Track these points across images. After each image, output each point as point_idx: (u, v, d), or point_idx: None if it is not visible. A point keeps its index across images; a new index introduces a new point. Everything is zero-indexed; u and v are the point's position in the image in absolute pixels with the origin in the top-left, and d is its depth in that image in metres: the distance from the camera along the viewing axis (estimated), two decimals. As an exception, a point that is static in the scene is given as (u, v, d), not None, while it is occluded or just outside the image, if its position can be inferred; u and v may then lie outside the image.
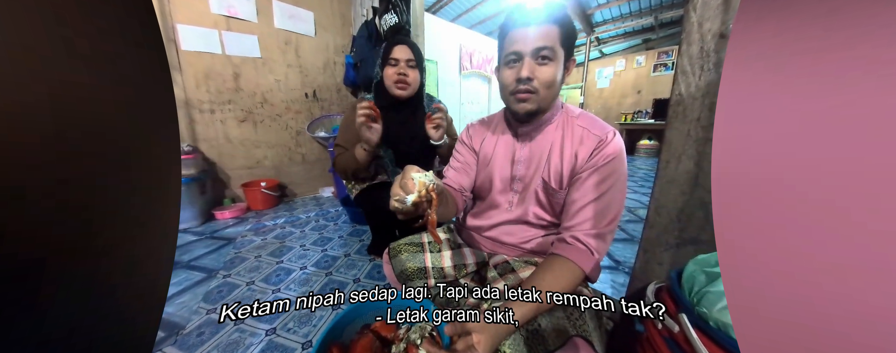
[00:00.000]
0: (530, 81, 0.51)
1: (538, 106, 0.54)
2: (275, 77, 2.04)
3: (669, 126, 0.57)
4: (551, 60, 0.50)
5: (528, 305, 0.44)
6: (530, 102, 0.53)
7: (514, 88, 0.53)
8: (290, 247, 1.43)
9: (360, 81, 1.88)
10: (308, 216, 1.87)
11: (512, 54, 0.51)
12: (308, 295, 0.37)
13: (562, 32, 0.50)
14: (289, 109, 2.15)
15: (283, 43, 2.02)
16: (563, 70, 0.52)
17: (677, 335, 0.40)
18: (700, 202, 0.55)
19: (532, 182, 0.60)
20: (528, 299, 0.43)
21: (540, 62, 0.50)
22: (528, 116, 0.57)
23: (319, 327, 0.88)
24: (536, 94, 0.52)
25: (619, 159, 0.53)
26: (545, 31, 0.49)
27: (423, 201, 0.37)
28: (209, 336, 0.84)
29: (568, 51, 0.52)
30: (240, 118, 1.95)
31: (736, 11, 0.48)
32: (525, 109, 0.54)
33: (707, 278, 0.42)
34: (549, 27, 0.49)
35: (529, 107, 0.53)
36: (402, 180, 0.41)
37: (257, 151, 2.07)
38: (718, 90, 0.20)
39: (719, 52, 0.50)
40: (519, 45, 0.50)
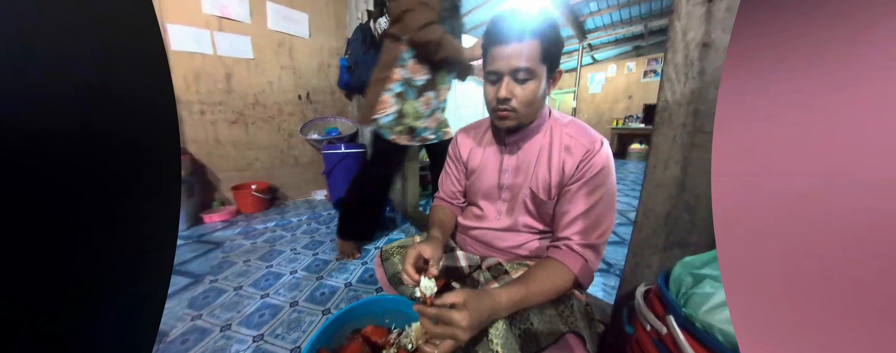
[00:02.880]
0: (508, 101, 0.51)
1: (519, 123, 0.55)
2: (268, 78, 2.02)
3: (656, 132, 0.58)
4: (531, 78, 0.49)
5: (516, 289, 0.45)
6: (510, 119, 0.54)
7: (494, 105, 0.53)
8: (281, 251, 1.40)
9: (354, 83, 1.88)
10: (300, 220, 1.84)
11: (491, 74, 0.52)
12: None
13: (543, 48, 0.48)
14: (281, 110, 2.13)
15: (276, 44, 2.00)
16: (546, 84, 0.52)
17: (665, 336, 0.41)
18: (686, 206, 0.56)
19: (520, 192, 0.60)
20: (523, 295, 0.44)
21: (520, 82, 0.50)
22: (512, 130, 0.58)
23: (308, 332, 0.86)
24: (516, 112, 0.52)
25: (608, 170, 0.54)
26: (525, 49, 0.47)
27: (424, 298, 0.48)
28: (194, 343, 0.82)
29: (552, 64, 0.51)
30: (231, 120, 1.92)
31: (717, 22, 0.50)
32: (505, 125, 0.55)
33: (693, 280, 0.43)
34: (530, 44, 0.47)
35: (509, 124, 0.55)
36: (406, 267, 0.50)
37: (248, 153, 2.04)
38: (719, 91, 0.20)
39: (703, 61, 0.51)
40: (498, 64, 0.50)
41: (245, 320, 0.92)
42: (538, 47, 0.48)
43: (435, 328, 0.41)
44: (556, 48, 0.50)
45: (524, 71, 0.48)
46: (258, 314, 0.94)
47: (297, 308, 0.97)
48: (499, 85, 0.51)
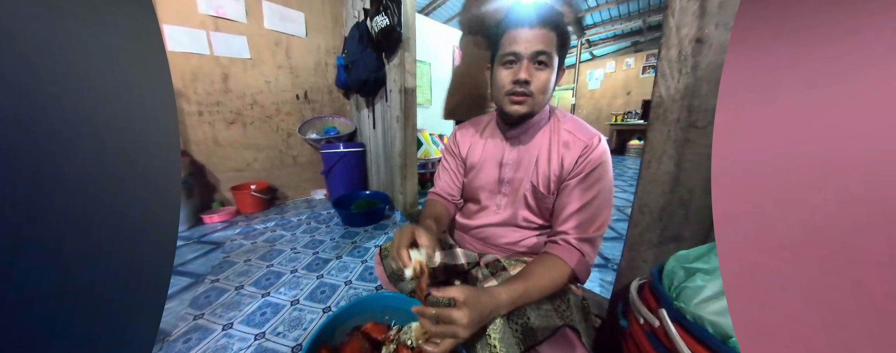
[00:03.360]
0: (527, 84, 0.51)
1: (531, 109, 0.54)
2: (265, 78, 2.01)
3: (651, 128, 0.58)
4: (548, 65, 0.50)
5: (515, 285, 0.45)
6: (525, 105, 0.53)
7: (510, 89, 0.52)
8: (281, 250, 1.41)
9: (351, 82, 1.88)
10: (299, 219, 1.85)
11: (510, 54, 0.50)
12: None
13: (559, 39, 0.50)
14: (279, 110, 2.12)
15: (273, 44, 2.00)
16: (556, 76, 0.53)
17: (657, 329, 0.42)
18: (681, 201, 0.57)
19: (521, 186, 0.60)
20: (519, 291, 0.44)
21: (537, 67, 0.50)
22: (520, 119, 0.57)
23: (309, 330, 0.87)
24: (531, 97, 0.52)
25: (605, 166, 0.54)
26: (544, 35, 0.49)
27: (416, 274, 0.46)
28: (196, 343, 0.82)
29: (561, 58, 0.52)
30: (229, 120, 1.92)
31: (711, 17, 0.50)
32: (519, 111, 0.53)
33: (685, 274, 0.43)
34: (548, 32, 0.49)
35: (523, 110, 0.53)
36: (397, 249, 0.48)
37: (247, 153, 2.04)
38: (719, 88, 0.20)
39: (697, 57, 0.52)
40: (518, 46, 0.49)
41: (246, 318, 0.93)
42: (555, 37, 0.49)
43: (435, 327, 0.41)
44: (567, 42, 0.52)
45: (545, 55, 0.49)
46: (259, 313, 0.95)
47: (298, 306, 0.98)
48: (517, 67, 0.50)
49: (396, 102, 1.68)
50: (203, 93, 1.79)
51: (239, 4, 1.80)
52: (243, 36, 1.86)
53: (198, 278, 1.16)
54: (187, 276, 1.18)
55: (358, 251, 1.40)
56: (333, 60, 2.27)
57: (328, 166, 2.03)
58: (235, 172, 2.01)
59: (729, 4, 0.47)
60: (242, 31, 1.85)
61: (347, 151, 2.04)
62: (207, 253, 1.38)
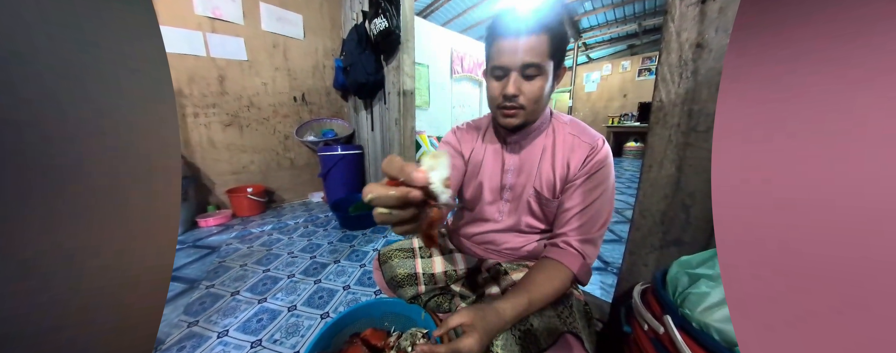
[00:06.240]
0: (516, 98, 0.49)
1: (525, 120, 0.53)
2: (262, 80, 2.00)
3: (651, 132, 0.58)
4: (539, 74, 0.48)
5: (519, 300, 0.44)
6: (517, 117, 0.52)
7: (500, 102, 0.51)
8: (278, 254, 1.39)
9: (350, 84, 1.87)
10: (296, 222, 1.83)
11: (498, 69, 0.49)
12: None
13: (552, 42, 0.46)
14: (276, 112, 2.11)
15: (270, 46, 1.98)
16: (552, 82, 0.50)
17: (662, 336, 0.41)
18: (682, 205, 0.57)
19: (524, 192, 0.59)
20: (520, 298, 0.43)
21: (527, 78, 0.48)
22: (516, 129, 0.56)
23: (307, 337, 0.86)
24: (523, 109, 0.50)
25: (609, 167, 0.54)
26: (534, 42, 0.46)
27: (425, 187, 0.25)
28: (191, 351, 0.81)
29: (558, 60, 0.49)
30: (225, 122, 1.90)
31: (711, 22, 0.50)
32: (511, 124, 0.53)
33: (689, 280, 0.43)
34: (538, 37, 0.46)
35: (515, 122, 0.52)
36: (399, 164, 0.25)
37: (243, 155, 2.02)
38: (719, 93, 0.20)
39: (697, 61, 0.52)
40: (505, 59, 0.47)
41: (242, 325, 0.91)
42: (547, 42, 0.46)
43: None
44: (563, 44, 0.48)
45: (533, 66, 0.46)
46: (256, 320, 0.93)
47: (296, 312, 0.97)
48: (506, 81, 0.48)
49: (395, 104, 1.68)
50: (199, 95, 1.78)
51: (236, 6, 1.79)
52: (240, 37, 1.85)
53: (192, 284, 1.14)
54: (181, 281, 1.16)
55: (356, 255, 1.38)
56: (331, 62, 2.27)
57: (326, 169, 2.01)
58: (232, 174, 1.99)
59: (729, 9, 0.48)
60: (239, 33, 1.84)
61: (345, 153, 2.02)
62: (202, 258, 1.36)
